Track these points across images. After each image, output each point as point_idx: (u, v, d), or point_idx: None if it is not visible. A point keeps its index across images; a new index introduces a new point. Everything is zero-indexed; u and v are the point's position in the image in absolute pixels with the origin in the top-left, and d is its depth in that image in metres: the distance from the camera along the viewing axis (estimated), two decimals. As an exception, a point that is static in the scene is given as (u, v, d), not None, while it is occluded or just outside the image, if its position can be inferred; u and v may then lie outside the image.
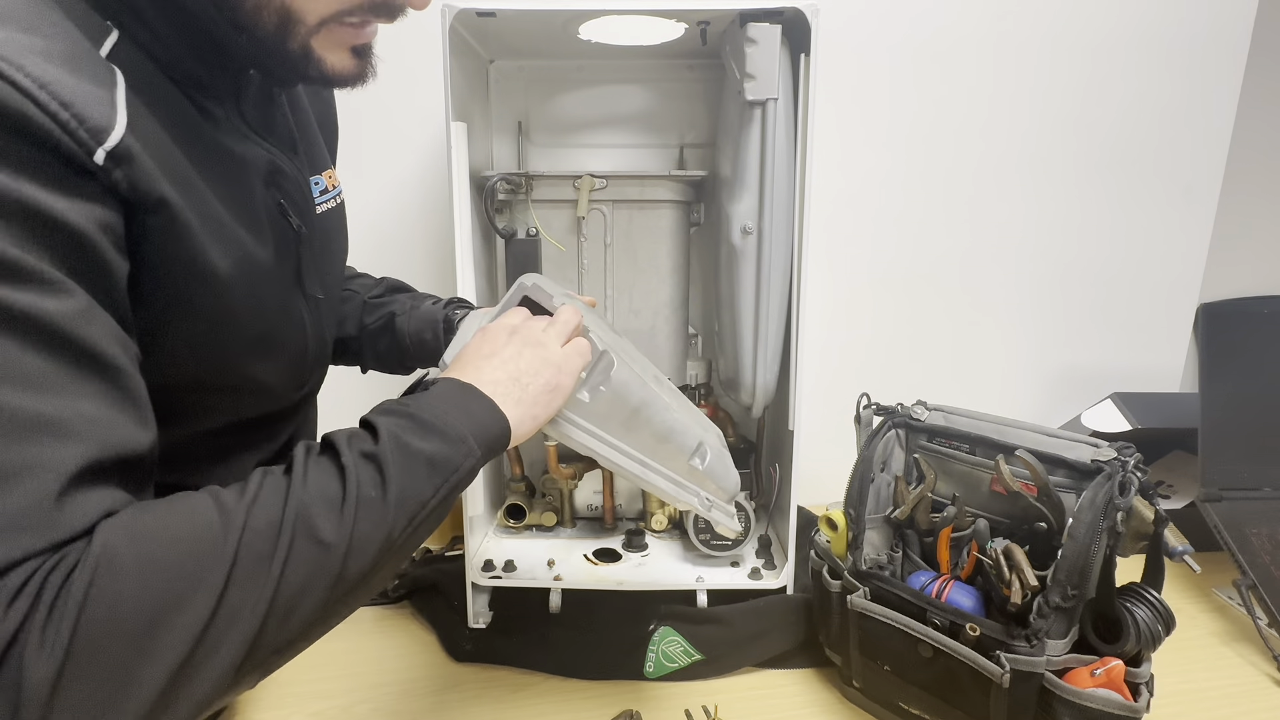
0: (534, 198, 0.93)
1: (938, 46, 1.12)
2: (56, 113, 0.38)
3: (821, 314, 1.14)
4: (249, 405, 0.58)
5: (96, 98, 0.41)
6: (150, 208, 0.44)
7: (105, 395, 0.39)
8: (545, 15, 0.82)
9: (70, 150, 0.39)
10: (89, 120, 0.40)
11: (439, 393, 0.51)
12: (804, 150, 0.80)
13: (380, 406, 0.50)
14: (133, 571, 0.35)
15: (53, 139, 0.38)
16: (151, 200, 0.44)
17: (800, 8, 0.75)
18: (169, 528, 0.38)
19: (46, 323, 0.37)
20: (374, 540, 0.43)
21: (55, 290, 0.37)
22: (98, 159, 0.40)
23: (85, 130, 0.40)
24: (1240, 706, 0.79)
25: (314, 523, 0.41)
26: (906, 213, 1.18)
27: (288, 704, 0.78)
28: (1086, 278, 1.24)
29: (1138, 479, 0.63)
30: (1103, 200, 1.22)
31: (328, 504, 0.42)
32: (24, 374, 0.36)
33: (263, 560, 0.39)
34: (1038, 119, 1.17)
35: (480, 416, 0.51)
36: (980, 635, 0.64)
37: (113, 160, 0.41)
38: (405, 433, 0.47)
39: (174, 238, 0.46)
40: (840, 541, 0.78)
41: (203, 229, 0.48)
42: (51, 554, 0.35)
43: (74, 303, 0.38)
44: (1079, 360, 1.27)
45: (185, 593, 0.36)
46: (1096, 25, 1.14)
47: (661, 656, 0.83)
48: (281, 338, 0.58)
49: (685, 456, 0.66)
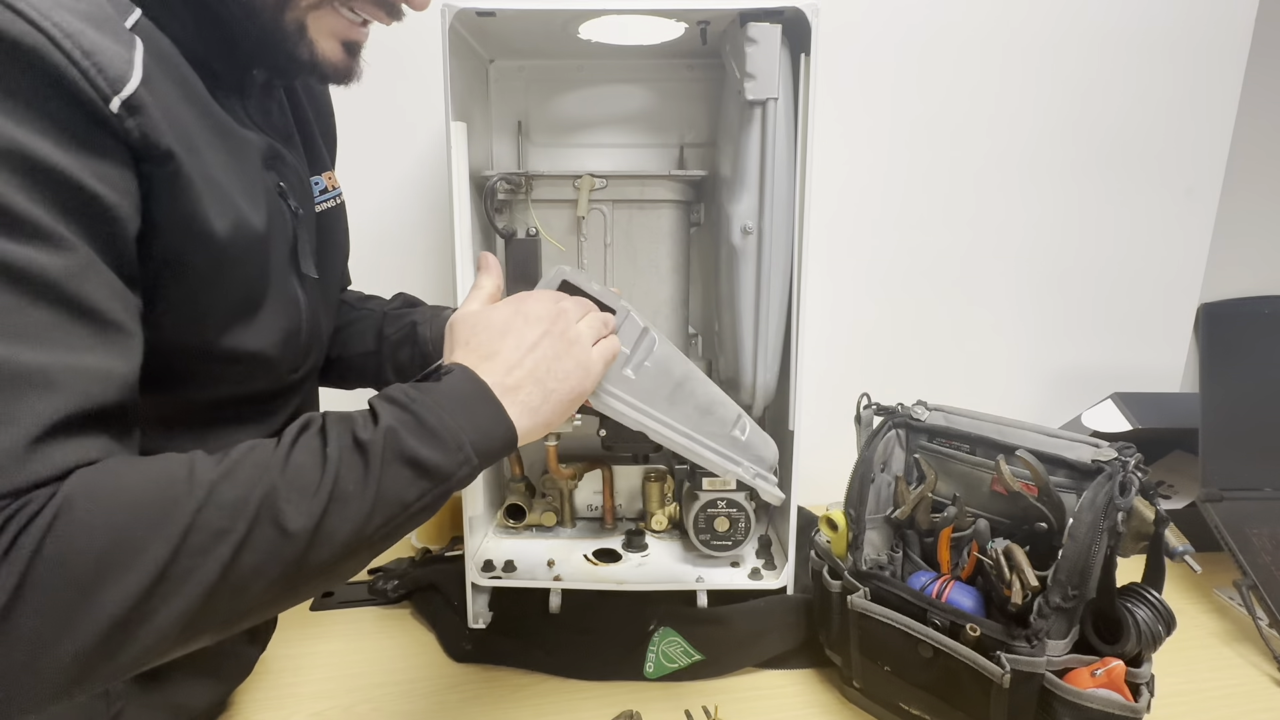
0: (534, 198, 0.93)
1: (938, 46, 1.12)
2: (79, 60, 0.40)
3: (821, 314, 1.14)
4: (246, 378, 0.58)
5: (116, 53, 0.43)
6: (157, 160, 0.45)
7: (95, 350, 0.40)
8: (545, 15, 0.82)
9: (89, 97, 0.41)
10: (108, 70, 0.42)
11: (449, 390, 0.49)
12: (804, 150, 0.80)
13: (388, 393, 0.48)
14: (87, 523, 0.36)
15: (73, 85, 0.40)
16: (159, 152, 0.45)
17: (800, 7, 0.75)
18: (134, 487, 0.39)
19: (42, 277, 0.38)
20: (341, 534, 0.43)
21: (55, 245, 0.39)
22: (113, 107, 0.42)
23: (104, 79, 0.42)
24: (1241, 707, 0.79)
25: (280, 508, 0.41)
26: (907, 212, 1.18)
27: (288, 704, 0.78)
28: (1087, 277, 1.24)
29: (1138, 479, 0.63)
30: (1103, 200, 1.22)
31: (301, 491, 0.42)
32: (16, 325, 0.37)
33: (219, 535, 0.39)
34: (1038, 118, 1.17)
35: (485, 425, 0.49)
36: (980, 635, 0.64)
37: (127, 110, 0.43)
38: (404, 428, 0.46)
39: (176, 194, 0.47)
40: (840, 541, 0.78)
41: (204, 189, 0.49)
42: (16, 498, 0.36)
43: (74, 259, 0.40)
44: (1079, 360, 1.27)
45: (132, 552, 0.37)
46: (1097, 25, 1.14)
47: (661, 656, 0.83)
48: (275, 311, 0.59)
49: (728, 428, 0.67)
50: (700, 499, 0.90)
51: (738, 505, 0.90)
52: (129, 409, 0.42)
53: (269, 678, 0.81)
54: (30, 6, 0.39)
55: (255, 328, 0.56)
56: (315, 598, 0.96)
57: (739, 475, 0.67)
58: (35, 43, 0.39)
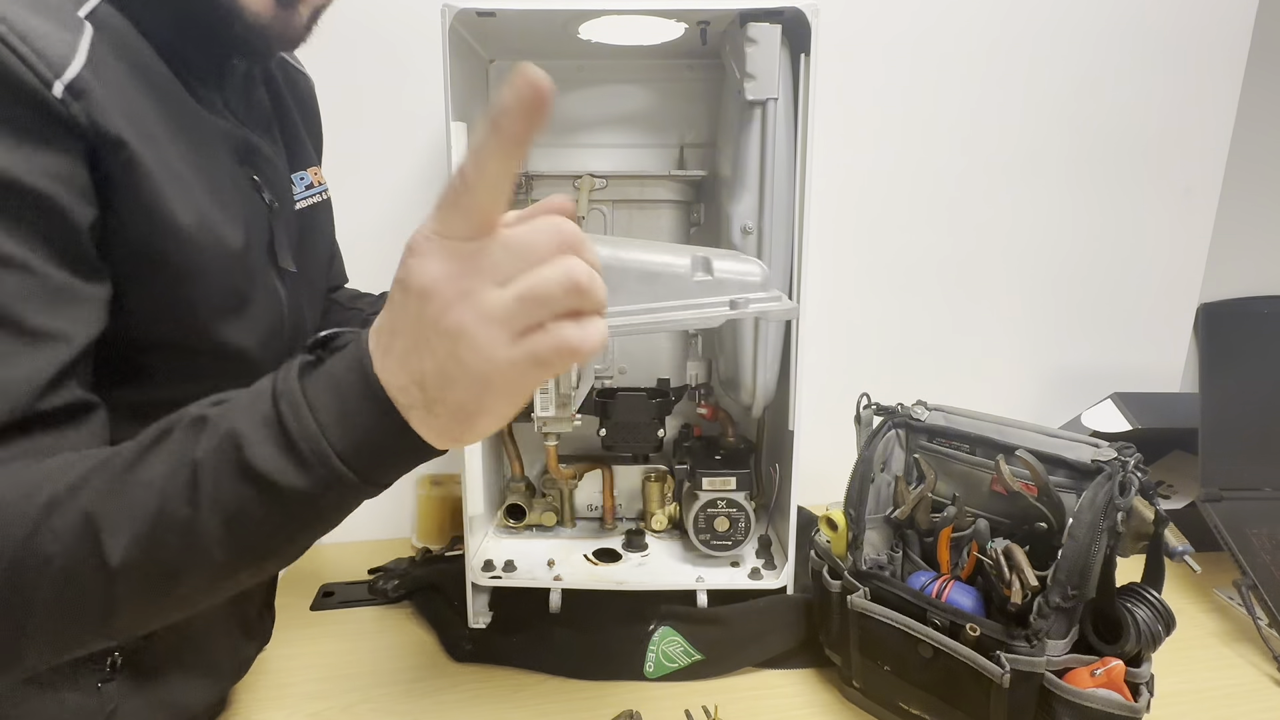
0: (534, 197, 0.93)
1: (937, 46, 1.12)
2: (15, 45, 0.40)
3: (821, 314, 1.14)
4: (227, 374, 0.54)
5: (57, 37, 0.42)
6: (109, 146, 0.44)
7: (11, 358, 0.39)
8: (545, 15, 0.82)
9: (28, 82, 0.40)
10: (46, 53, 0.41)
11: (330, 381, 0.36)
12: (804, 150, 0.80)
13: (257, 386, 0.38)
14: None
15: (11, 71, 0.39)
16: (110, 139, 0.44)
17: (800, 8, 0.75)
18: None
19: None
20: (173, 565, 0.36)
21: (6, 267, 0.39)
22: (55, 91, 0.41)
23: (44, 63, 0.41)
24: (1240, 707, 0.79)
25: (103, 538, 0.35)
26: (907, 212, 1.18)
27: (288, 704, 0.78)
28: (1087, 277, 1.24)
29: (1138, 479, 0.63)
30: (1103, 200, 1.22)
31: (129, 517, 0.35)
32: None
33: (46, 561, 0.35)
34: (1038, 118, 1.17)
35: (367, 432, 0.35)
36: (980, 635, 0.64)
37: (71, 93, 0.42)
38: (253, 432, 0.35)
39: (133, 183, 0.46)
40: (840, 541, 0.78)
41: (164, 179, 0.48)
42: None
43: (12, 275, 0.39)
44: (1079, 360, 1.27)
45: None
46: (1096, 24, 1.15)
47: (661, 656, 0.83)
48: (254, 305, 0.57)
49: (688, 279, 0.59)
50: (700, 499, 0.90)
51: (738, 505, 0.90)
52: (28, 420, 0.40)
53: (268, 677, 0.81)
54: None
55: (237, 324, 0.55)
56: (315, 597, 0.96)
57: (721, 318, 0.58)
58: None
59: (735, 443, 0.99)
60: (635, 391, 0.96)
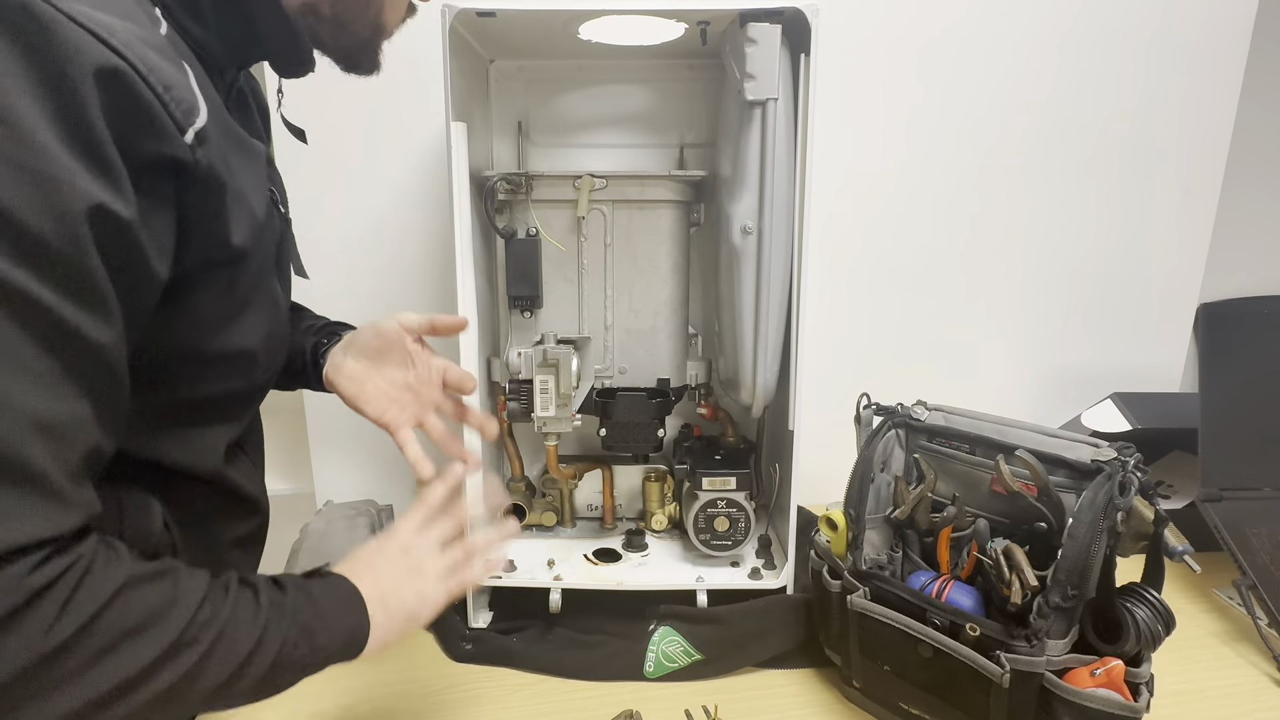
0: (534, 198, 0.93)
1: (937, 46, 1.12)
2: (161, 94, 0.42)
3: (821, 314, 1.14)
4: (228, 377, 0.58)
5: (184, 85, 0.44)
6: (213, 188, 0.47)
7: (106, 404, 0.42)
8: (545, 15, 0.82)
9: (169, 130, 0.43)
10: (183, 103, 0.44)
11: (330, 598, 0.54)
12: (804, 150, 0.80)
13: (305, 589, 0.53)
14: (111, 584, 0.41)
15: (158, 120, 0.42)
16: (215, 180, 0.47)
17: (800, 8, 0.75)
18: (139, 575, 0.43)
19: (91, 343, 0.40)
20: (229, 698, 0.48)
21: (105, 318, 0.41)
22: (187, 139, 0.44)
23: (180, 111, 0.43)
24: (1240, 706, 0.79)
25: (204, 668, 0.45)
26: (906, 212, 1.18)
27: (288, 704, 0.78)
28: (1087, 277, 1.24)
29: (1138, 479, 0.63)
30: (1103, 200, 1.22)
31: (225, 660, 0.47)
32: (48, 380, 0.39)
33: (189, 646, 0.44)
34: (1038, 118, 1.17)
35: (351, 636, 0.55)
36: (980, 635, 0.64)
37: (198, 140, 0.45)
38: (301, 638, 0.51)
39: (216, 213, 0.49)
40: (840, 541, 0.78)
41: (234, 207, 0.51)
42: (63, 545, 0.39)
43: (115, 329, 0.42)
44: (1079, 360, 1.27)
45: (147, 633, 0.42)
46: (1096, 24, 1.15)
47: (661, 656, 0.83)
48: (261, 311, 0.59)
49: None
50: (700, 499, 0.90)
51: (738, 505, 0.90)
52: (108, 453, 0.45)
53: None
54: (120, 42, 0.40)
55: (243, 327, 0.57)
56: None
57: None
58: (131, 81, 0.40)
59: (735, 443, 1.00)
60: (635, 391, 0.96)
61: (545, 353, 0.86)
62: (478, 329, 0.88)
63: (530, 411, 0.88)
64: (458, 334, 0.78)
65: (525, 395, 0.90)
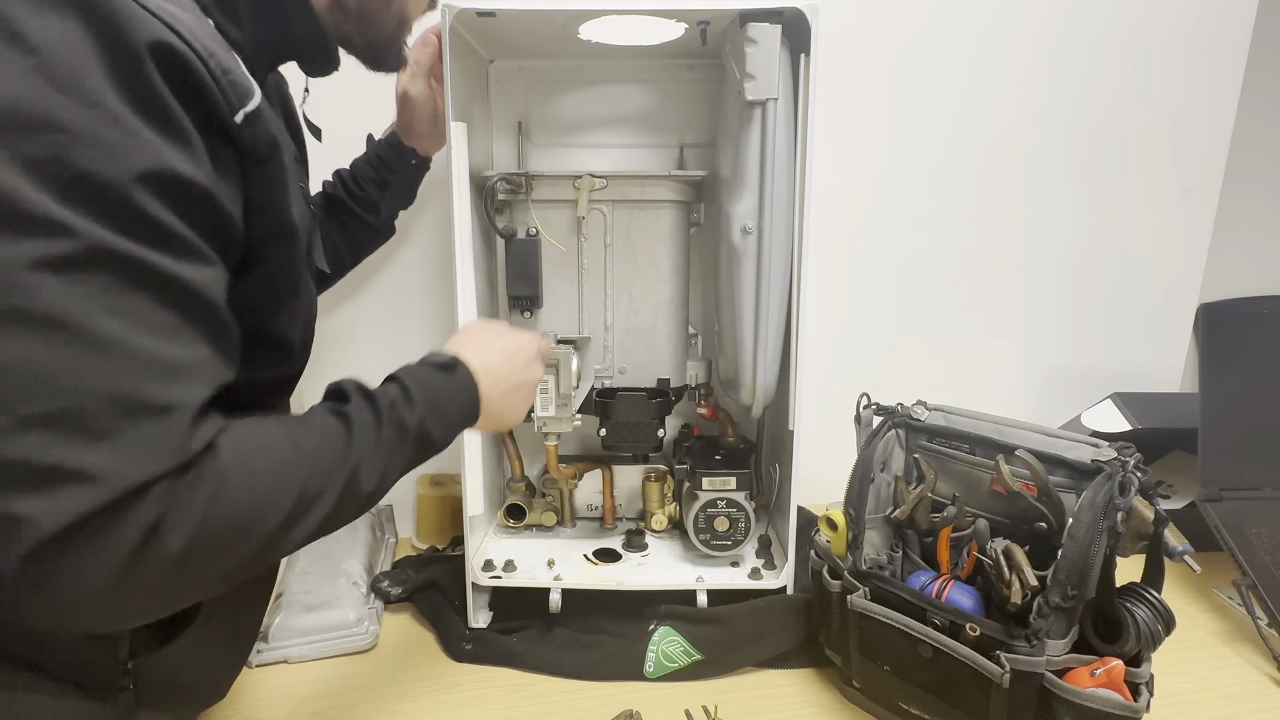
0: (534, 198, 0.93)
1: (937, 46, 1.12)
2: (219, 77, 0.46)
3: (821, 314, 1.14)
4: (266, 364, 0.62)
5: (240, 70, 0.49)
6: (260, 159, 0.51)
7: (218, 343, 0.47)
8: (545, 15, 0.82)
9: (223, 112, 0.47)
10: (239, 86, 0.48)
11: (458, 389, 0.63)
12: (804, 150, 0.80)
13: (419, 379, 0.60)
14: (237, 492, 0.45)
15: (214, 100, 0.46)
16: (265, 158, 0.51)
17: (800, 8, 0.75)
18: (261, 460, 0.48)
19: (194, 289, 0.45)
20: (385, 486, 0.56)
21: (204, 261, 0.46)
22: (238, 119, 0.48)
23: (235, 94, 0.48)
24: (1240, 706, 0.79)
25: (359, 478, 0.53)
26: (906, 212, 1.18)
27: (288, 704, 0.78)
28: (1087, 277, 1.24)
29: (1138, 479, 0.63)
30: (1103, 200, 1.22)
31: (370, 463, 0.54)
32: (169, 327, 0.44)
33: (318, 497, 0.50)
34: (1038, 118, 1.17)
35: (467, 418, 0.64)
36: (980, 635, 0.64)
37: (247, 121, 0.49)
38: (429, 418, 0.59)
39: (268, 187, 0.53)
40: (840, 541, 0.78)
41: (289, 187, 0.55)
42: (183, 471, 0.43)
43: (214, 271, 0.47)
44: (1079, 360, 1.27)
45: (264, 514, 0.47)
46: (1096, 24, 1.15)
47: (661, 656, 0.83)
48: (301, 303, 0.63)
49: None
50: (700, 499, 0.90)
51: (738, 505, 0.90)
52: (231, 384, 0.49)
53: (269, 676, 0.81)
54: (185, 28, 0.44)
55: (290, 316, 0.61)
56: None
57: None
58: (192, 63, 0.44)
59: (735, 443, 1.00)
60: (635, 391, 0.96)
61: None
62: (478, 329, 0.89)
63: (530, 412, 0.88)
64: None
65: (525, 395, 0.90)
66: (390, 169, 0.91)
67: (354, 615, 0.86)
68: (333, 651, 0.85)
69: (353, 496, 0.52)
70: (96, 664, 0.56)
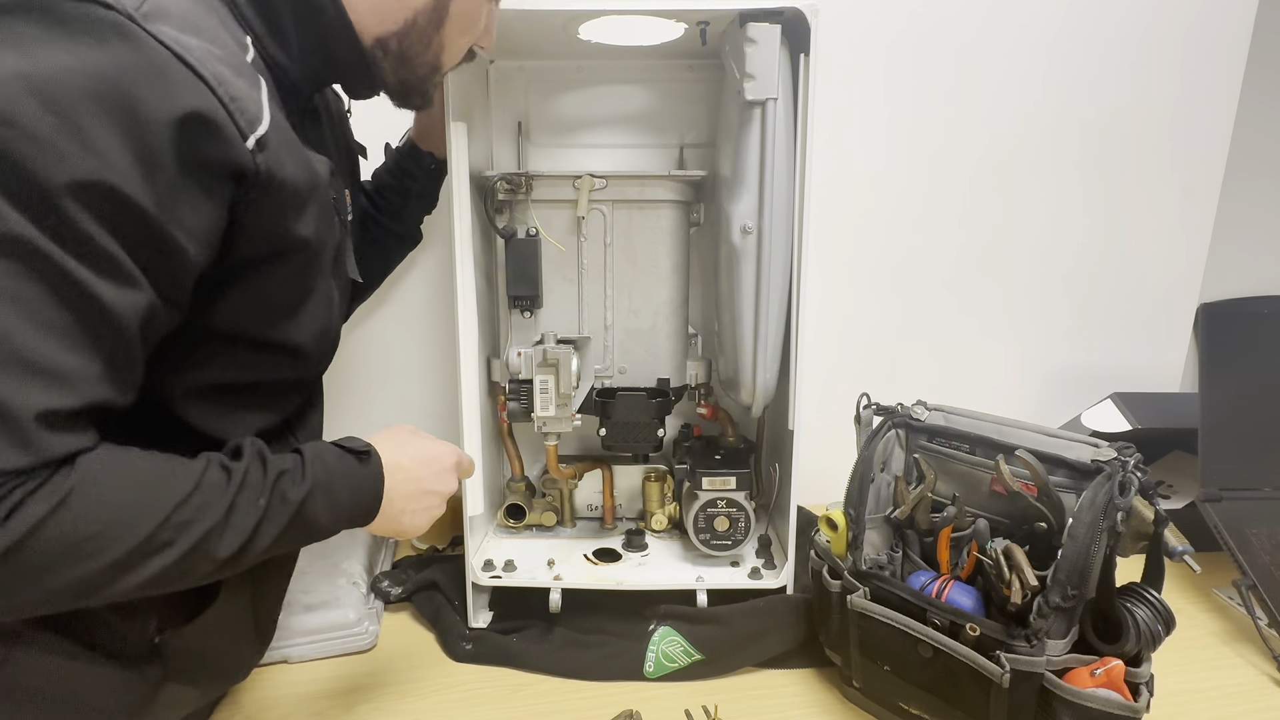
0: (534, 198, 0.93)
1: (936, 46, 1.12)
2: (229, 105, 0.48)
3: (821, 314, 1.14)
4: (280, 367, 0.63)
5: (250, 97, 0.50)
6: (273, 189, 0.52)
7: (111, 364, 0.46)
8: (545, 15, 0.82)
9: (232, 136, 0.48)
10: (247, 113, 0.49)
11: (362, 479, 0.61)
12: (803, 150, 0.80)
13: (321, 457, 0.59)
14: (82, 514, 0.45)
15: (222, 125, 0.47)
16: (275, 182, 0.52)
17: (800, 8, 0.75)
18: (118, 494, 0.47)
19: (102, 304, 0.44)
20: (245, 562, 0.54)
21: (125, 282, 0.46)
22: (249, 144, 0.49)
23: (245, 120, 0.49)
24: (1240, 706, 0.79)
25: (214, 543, 0.51)
26: (906, 212, 1.18)
27: (288, 704, 0.78)
28: (1087, 277, 1.24)
29: (1138, 479, 0.63)
30: (1103, 199, 1.22)
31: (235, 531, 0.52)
32: (59, 330, 0.44)
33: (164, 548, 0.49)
34: (1038, 118, 1.17)
35: (363, 513, 0.62)
36: (980, 635, 0.64)
37: (258, 146, 0.50)
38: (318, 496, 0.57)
39: (276, 211, 0.54)
40: (840, 541, 0.78)
41: (293, 204, 0.56)
42: (27, 474, 0.43)
43: (135, 295, 0.46)
44: (1079, 360, 1.27)
45: (99, 550, 0.46)
46: (1096, 24, 1.14)
47: (661, 656, 0.83)
48: (317, 309, 0.64)
49: None
50: (700, 498, 0.90)
51: (738, 505, 0.90)
52: (117, 410, 0.49)
53: (270, 677, 0.81)
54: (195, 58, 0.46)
55: (300, 323, 0.62)
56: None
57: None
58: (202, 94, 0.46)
59: (735, 443, 1.00)
60: (635, 391, 0.96)
61: (545, 353, 0.86)
62: (478, 329, 0.89)
63: (530, 411, 0.88)
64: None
65: (525, 395, 0.90)
66: (410, 175, 0.91)
67: (354, 615, 0.86)
68: (333, 651, 0.85)
69: (204, 557, 0.50)
70: (128, 637, 0.59)
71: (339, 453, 0.60)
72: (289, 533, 0.55)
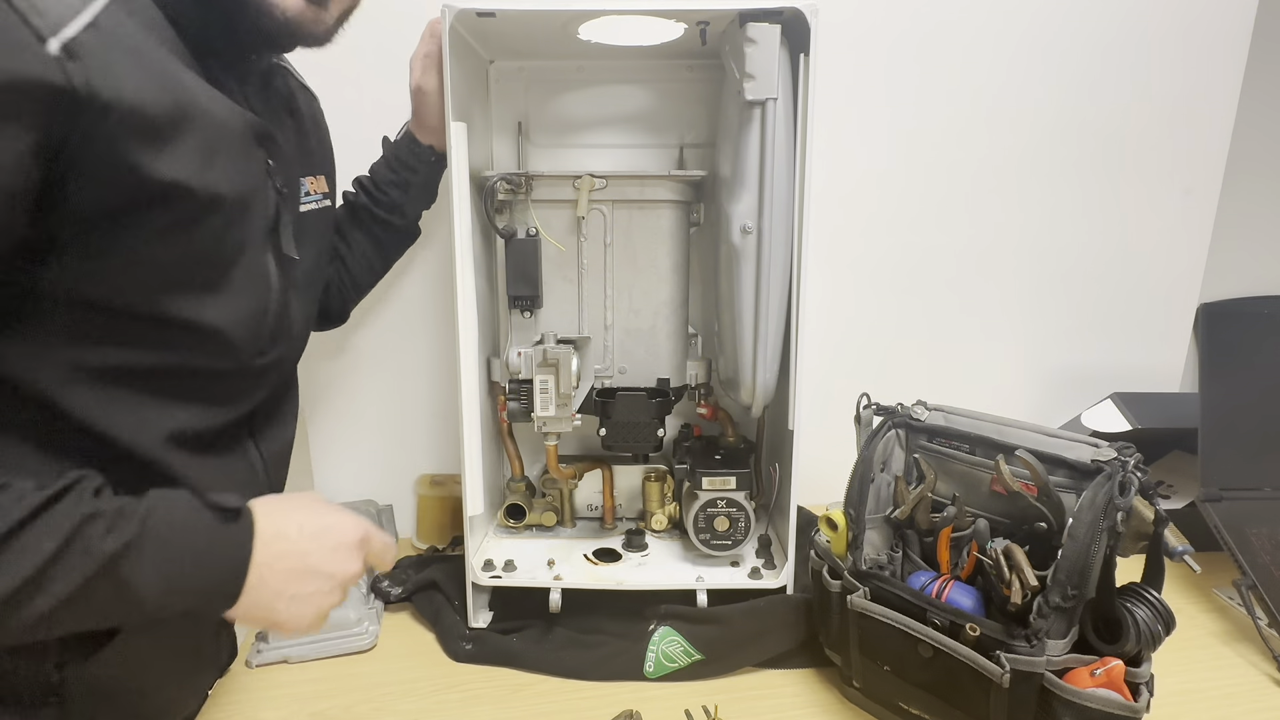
0: (534, 198, 0.93)
1: (937, 46, 1.12)
2: (17, 5, 0.40)
3: (821, 313, 1.14)
4: (200, 351, 0.56)
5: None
6: (98, 109, 0.43)
7: None
8: (545, 15, 0.82)
9: (24, 40, 0.39)
10: (47, 13, 0.41)
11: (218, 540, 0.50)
12: (803, 150, 0.80)
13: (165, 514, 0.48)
14: None
15: (13, 33, 0.39)
16: (102, 101, 0.43)
17: (800, 8, 0.75)
18: None
19: None
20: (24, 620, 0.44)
21: None
22: (50, 48, 0.40)
23: (42, 21, 0.40)
24: (1240, 706, 0.79)
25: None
26: (906, 212, 1.18)
27: (288, 704, 0.78)
28: (1087, 277, 1.24)
29: (1138, 479, 0.63)
30: (1103, 199, 1.22)
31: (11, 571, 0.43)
32: None
33: None
34: (1038, 118, 1.17)
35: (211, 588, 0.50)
36: (980, 635, 0.64)
37: (67, 52, 0.41)
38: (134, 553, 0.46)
39: (129, 144, 0.45)
40: (840, 541, 0.78)
41: (168, 139, 0.47)
42: None
43: None
44: (1079, 360, 1.27)
45: None
46: (1096, 24, 1.14)
47: (661, 656, 0.83)
48: (241, 287, 0.57)
49: None
50: (700, 498, 0.90)
51: (738, 505, 0.90)
52: None
53: (269, 676, 0.81)
54: None
55: (216, 301, 0.54)
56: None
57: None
58: None
59: (735, 443, 1.00)
60: (635, 391, 0.96)
61: (545, 353, 0.86)
62: (478, 329, 0.89)
63: (530, 411, 0.88)
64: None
65: (525, 395, 0.90)
66: (409, 169, 0.89)
67: (354, 615, 0.86)
68: (332, 651, 0.85)
69: None
70: (19, 674, 0.52)
71: (194, 505, 0.49)
72: (96, 596, 0.44)
